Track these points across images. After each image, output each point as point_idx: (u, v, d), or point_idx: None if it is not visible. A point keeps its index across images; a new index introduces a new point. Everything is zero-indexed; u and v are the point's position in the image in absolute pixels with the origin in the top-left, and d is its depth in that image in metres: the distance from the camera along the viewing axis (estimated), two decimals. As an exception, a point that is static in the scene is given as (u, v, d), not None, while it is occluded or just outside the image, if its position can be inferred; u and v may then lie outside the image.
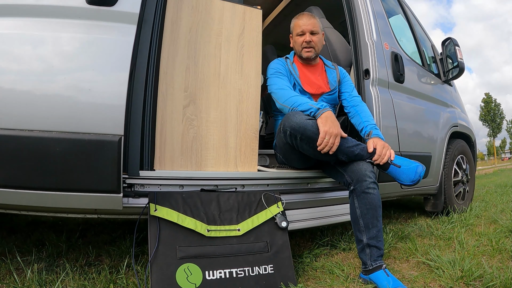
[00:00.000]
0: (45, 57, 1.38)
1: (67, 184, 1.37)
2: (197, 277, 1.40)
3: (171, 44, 1.76)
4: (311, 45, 2.20)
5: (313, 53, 2.22)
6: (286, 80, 2.13)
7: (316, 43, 2.22)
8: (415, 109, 2.80)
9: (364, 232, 1.70)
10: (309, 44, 2.20)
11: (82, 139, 1.35)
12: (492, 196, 4.60)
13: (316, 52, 2.24)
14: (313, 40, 2.20)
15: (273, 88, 2.08)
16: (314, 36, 2.21)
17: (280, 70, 2.17)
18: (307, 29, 2.19)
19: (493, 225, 2.70)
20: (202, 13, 1.86)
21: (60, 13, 1.42)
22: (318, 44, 2.23)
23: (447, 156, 3.14)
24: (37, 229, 2.51)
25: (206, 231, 1.52)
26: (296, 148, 1.83)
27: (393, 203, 4.13)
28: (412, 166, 1.78)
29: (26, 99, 1.33)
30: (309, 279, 1.72)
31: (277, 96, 2.03)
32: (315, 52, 2.24)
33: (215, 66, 1.87)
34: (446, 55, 3.38)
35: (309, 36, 2.19)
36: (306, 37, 2.19)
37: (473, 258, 1.86)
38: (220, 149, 1.85)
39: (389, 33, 2.70)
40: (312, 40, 2.20)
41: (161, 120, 1.71)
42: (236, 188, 1.79)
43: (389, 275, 1.58)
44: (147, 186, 1.60)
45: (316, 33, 2.21)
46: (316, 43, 2.22)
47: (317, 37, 2.22)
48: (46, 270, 1.66)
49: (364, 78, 2.39)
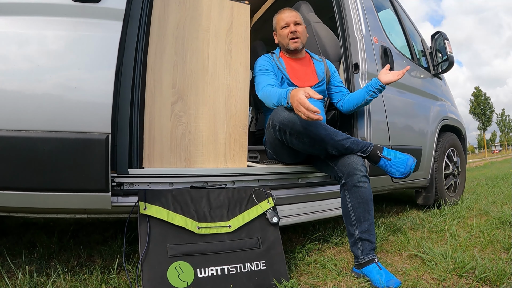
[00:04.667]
0: (30, 55, 1.35)
1: (55, 184, 1.35)
2: (189, 275, 1.39)
3: (159, 40, 1.75)
4: (296, 35, 2.23)
5: (299, 43, 2.25)
6: (271, 76, 2.14)
7: (301, 33, 2.25)
8: (405, 102, 2.82)
9: (356, 226, 1.70)
10: (295, 34, 2.23)
11: (69, 138, 1.33)
12: (483, 188, 4.65)
13: (302, 43, 2.27)
14: (298, 30, 2.23)
15: (258, 89, 2.12)
16: (298, 26, 2.25)
17: (266, 66, 2.18)
18: (291, 21, 2.23)
19: (485, 217, 2.73)
20: (189, 9, 1.84)
21: (45, 11, 1.40)
22: (303, 34, 2.27)
23: (438, 149, 3.16)
24: (28, 230, 2.49)
25: (197, 228, 1.51)
26: (286, 143, 1.82)
27: (384, 197, 4.15)
28: (403, 158, 1.78)
29: (12, 99, 1.30)
30: (301, 274, 1.72)
31: (261, 97, 2.05)
32: (302, 43, 2.26)
33: (203, 62, 1.85)
34: (435, 49, 3.40)
35: (293, 27, 2.23)
36: (291, 28, 2.23)
37: (465, 250, 1.87)
38: (209, 145, 1.84)
39: (378, 27, 2.70)
40: (297, 30, 2.23)
41: (149, 117, 1.69)
42: (226, 185, 1.79)
43: (382, 269, 1.59)
44: (136, 184, 1.58)
45: (300, 23, 2.26)
46: (301, 33, 2.25)
47: (301, 28, 2.26)
48: (37, 272, 1.63)
49: (353, 72, 2.39)
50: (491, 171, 9.71)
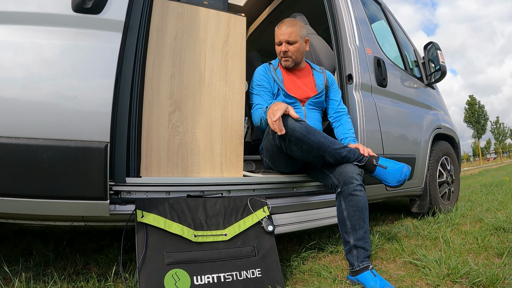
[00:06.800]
0: (31, 64, 1.38)
1: (54, 192, 1.37)
2: (185, 282, 1.40)
3: (157, 51, 1.78)
4: (287, 55, 2.23)
5: (290, 61, 2.25)
6: (264, 94, 2.18)
7: (293, 52, 2.23)
8: (399, 112, 2.85)
9: (351, 233, 1.72)
10: (285, 54, 2.23)
11: (68, 146, 1.36)
12: (478, 195, 4.66)
13: (294, 61, 2.26)
14: (289, 49, 2.21)
15: (251, 110, 2.19)
16: (291, 45, 2.21)
17: (260, 82, 2.21)
18: (284, 39, 2.20)
19: (479, 223, 2.74)
20: (187, 21, 1.88)
21: (46, 21, 1.43)
22: (295, 53, 2.23)
23: (431, 157, 3.19)
24: (24, 238, 2.48)
25: (193, 237, 1.53)
26: (285, 150, 1.85)
27: (379, 205, 4.17)
28: (398, 166, 1.81)
29: (13, 107, 1.33)
30: (297, 282, 1.73)
31: (252, 117, 2.15)
32: (293, 61, 2.26)
33: (200, 73, 1.88)
34: (428, 59, 3.45)
35: (284, 46, 2.21)
36: (282, 47, 2.22)
37: (459, 256, 1.89)
38: (205, 155, 1.86)
39: (372, 39, 2.75)
40: (288, 50, 2.22)
41: (147, 126, 1.72)
42: (222, 194, 1.80)
43: (376, 276, 1.60)
44: (133, 192, 1.60)
45: (294, 42, 2.21)
46: (293, 52, 2.22)
47: (294, 47, 2.22)
48: (34, 279, 1.64)
49: (347, 83, 2.43)
50: (485, 178, 9.76)
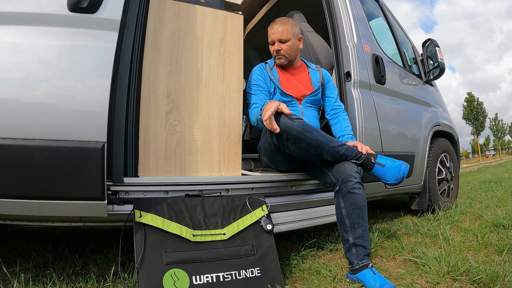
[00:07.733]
0: (27, 65, 1.37)
1: (52, 192, 1.36)
2: (184, 282, 1.40)
3: (153, 50, 1.77)
4: (280, 54, 2.24)
5: (284, 59, 2.26)
6: (260, 94, 2.17)
7: (286, 51, 2.23)
8: (397, 109, 2.85)
9: (350, 231, 1.72)
10: (279, 53, 2.24)
11: (65, 146, 1.35)
12: (477, 192, 4.66)
13: (288, 59, 2.26)
14: (282, 48, 2.22)
15: (248, 110, 2.18)
16: (284, 44, 2.22)
17: (257, 81, 2.21)
18: (276, 38, 2.21)
19: (478, 220, 2.74)
20: (184, 19, 1.87)
21: (42, 21, 1.42)
22: (288, 51, 2.23)
23: (430, 155, 3.19)
24: (23, 239, 2.48)
25: (192, 236, 1.52)
26: (282, 148, 1.85)
27: (378, 203, 4.16)
28: (396, 164, 1.80)
29: (9, 107, 1.32)
30: (296, 280, 1.73)
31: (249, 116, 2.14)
32: (287, 59, 2.26)
33: (197, 72, 1.88)
34: (426, 56, 3.44)
35: (277, 45, 2.22)
36: (275, 46, 2.23)
37: (459, 254, 1.88)
38: (203, 154, 1.86)
39: (370, 36, 2.74)
40: (281, 49, 2.22)
41: (144, 126, 1.71)
42: (220, 193, 1.80)
43: (376, 274, 1.60)
44: (131, 192, 1.60)
45: (286, 40, 2.21)
46: (286, 50, 2.23)
47: (287, 45, 2.22)
48: (33, 280, 1.63)
49: (345, 81, 2.42)
50: (485, 175, 9.75)
